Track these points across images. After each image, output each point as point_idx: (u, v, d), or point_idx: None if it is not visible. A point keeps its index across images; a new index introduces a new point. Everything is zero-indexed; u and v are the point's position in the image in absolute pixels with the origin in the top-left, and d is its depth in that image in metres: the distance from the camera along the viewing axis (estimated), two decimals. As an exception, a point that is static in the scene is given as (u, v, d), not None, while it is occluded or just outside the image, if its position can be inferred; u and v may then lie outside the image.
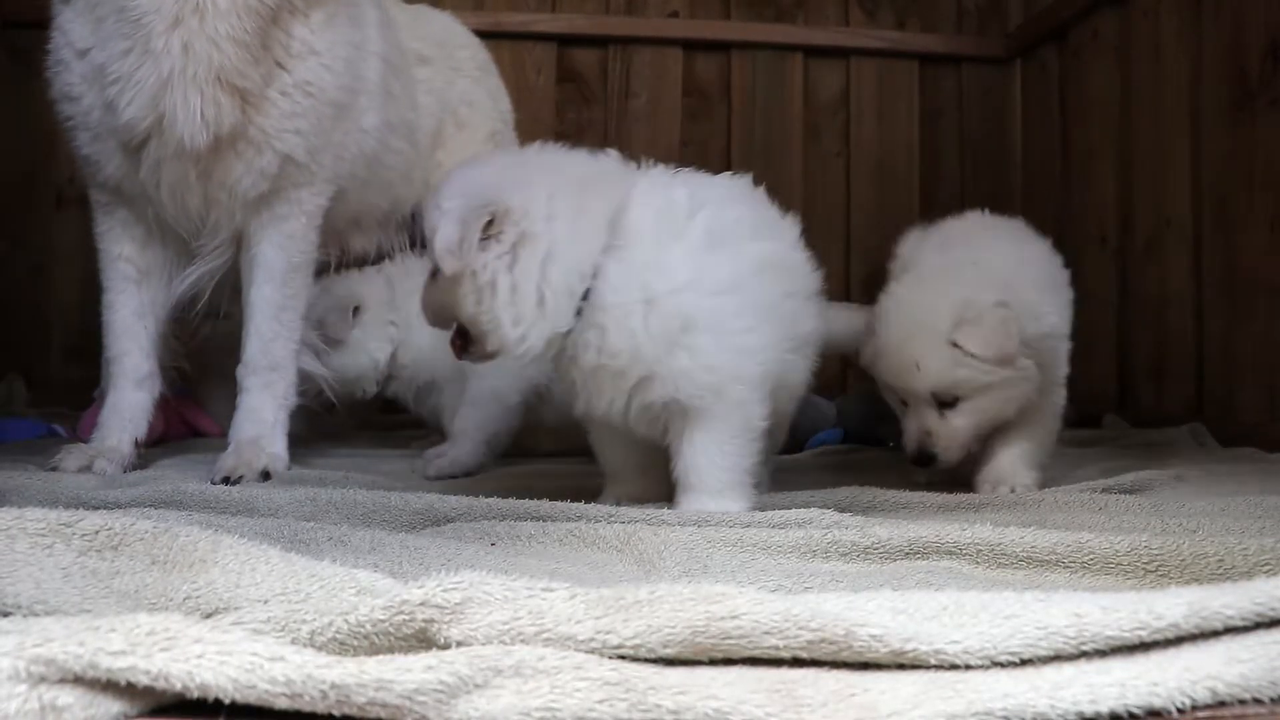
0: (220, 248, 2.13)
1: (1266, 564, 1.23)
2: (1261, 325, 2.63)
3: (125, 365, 2.13)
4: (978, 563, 1.35)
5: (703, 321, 1.59)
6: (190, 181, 2.01)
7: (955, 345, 1.88)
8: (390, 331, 2.45)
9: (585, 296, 1.59)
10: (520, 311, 1.57)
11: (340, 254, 2.50)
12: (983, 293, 1.90)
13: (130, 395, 2.13)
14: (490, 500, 1.59)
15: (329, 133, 2.15)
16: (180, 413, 2.58)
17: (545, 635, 0.85)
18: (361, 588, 0.99)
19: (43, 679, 0.75)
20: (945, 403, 1.93)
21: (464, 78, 2.89)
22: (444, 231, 1.55)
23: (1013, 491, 1.90)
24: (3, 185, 3.39)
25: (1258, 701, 0.81)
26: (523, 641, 0.85)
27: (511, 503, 1.58)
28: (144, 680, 0.76)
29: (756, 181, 1.85)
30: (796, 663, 0.86)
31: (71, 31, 1.99)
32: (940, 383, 1.91)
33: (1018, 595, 0.93)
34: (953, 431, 1.94)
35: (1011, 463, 1.99)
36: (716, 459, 1.63)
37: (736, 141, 3.89)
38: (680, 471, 1.65)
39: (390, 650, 0.86)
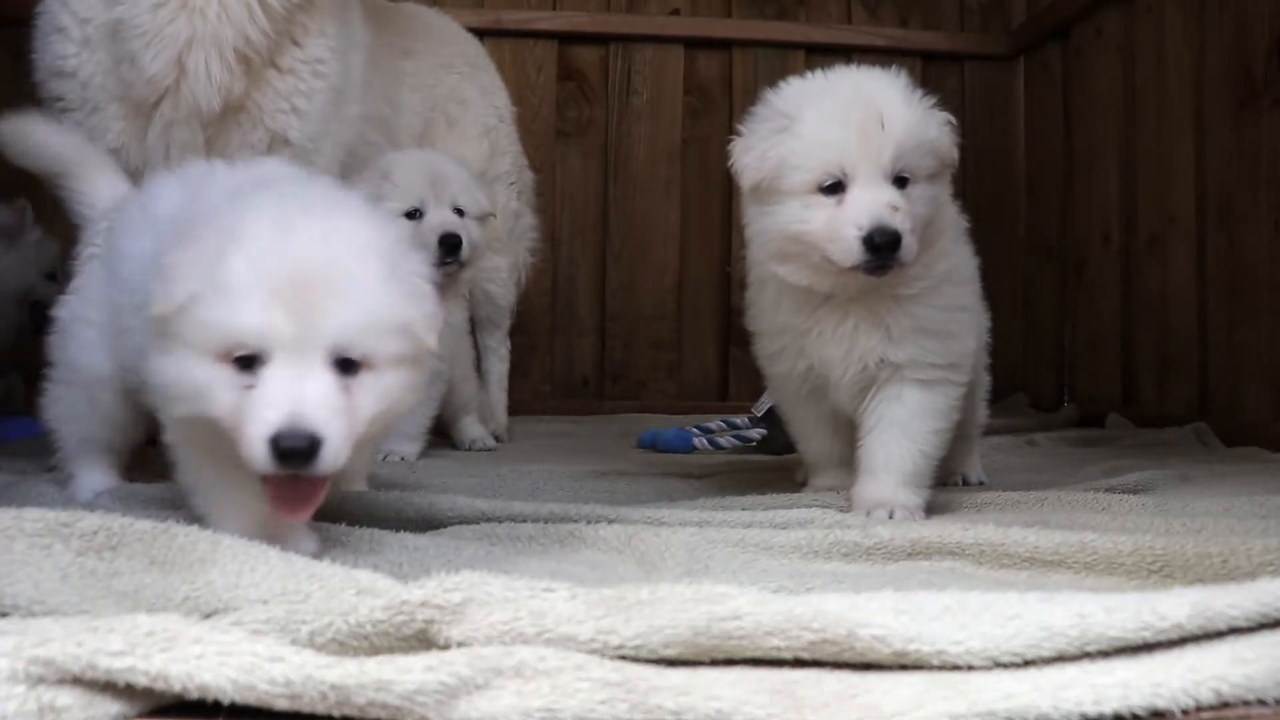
0: None
1: (1271, 564, 1.22)
2: (1265, 324, 2.62)
3: None
4: (980, 563, 1.35)
5: None
6: (198, 147, 2.01)
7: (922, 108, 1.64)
8: None
9: None
10: None
11: None
12: None
13: None
14: (490, 501, 1.59)
15: (329, 120, 2.15)
16: None
17: (546, 635, 0.85)
18: (361, 588, 0.99)
19: (41, 679, 0.75)
20: (899, 181, 1.58)
21: (453, 74, 2.88)
22: None
23: (891, 517, 1.60)
24: (2, 183, 3.39)
25: (1262, 703, 0.81)
26: (523, 642, 0.85)
27: (511, 504, 1.58)
28: (143, 681, 0.76)
29: None
30: (799, 663, 0.85)
31: (75, 2, 1.98)
32: (908, 139, 1.58)
33: (1020, 596, 0.93)
34: (915, 212, 1.57)
35: (889, 480, 1.65)
36: None
37: (738, 140, 3.89)
38: None
39: (390, 651, 0.85)
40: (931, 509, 1.71)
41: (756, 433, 2.89)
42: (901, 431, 1.66)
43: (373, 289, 1.18)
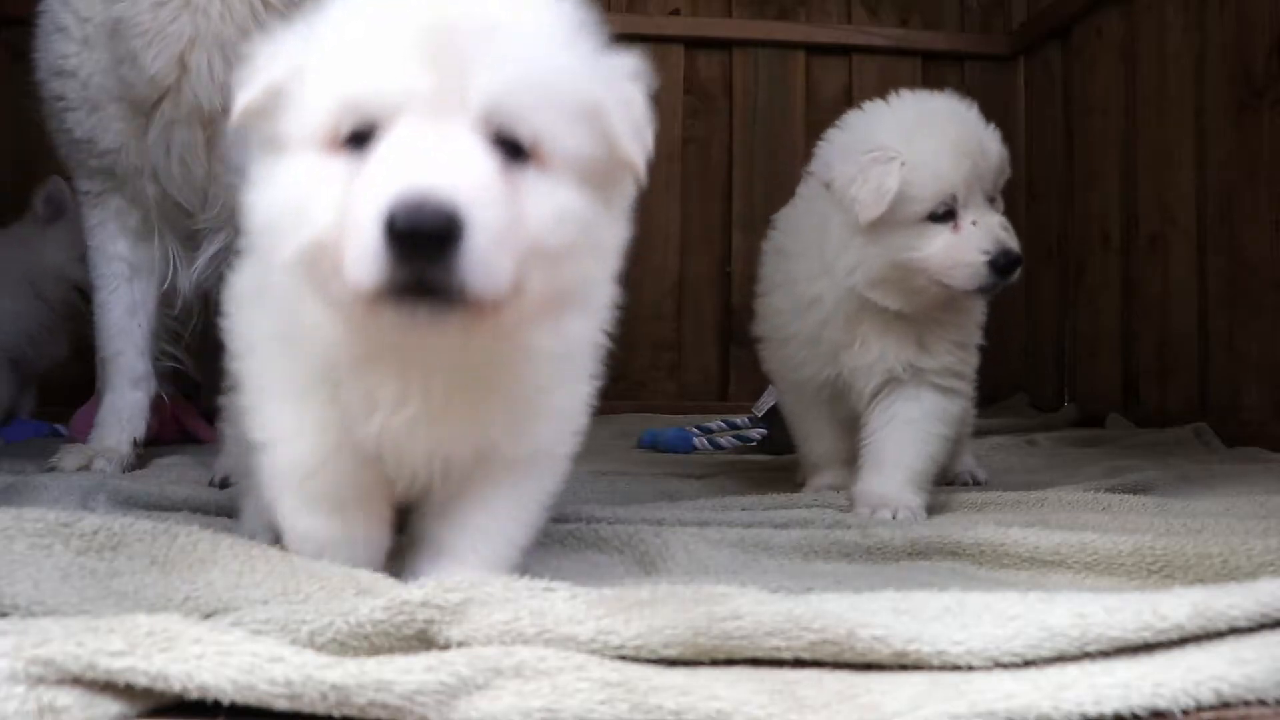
0: (221, 228, 2.07)
1: (1271, 564, 1.22)
2: (1267, 324, 2.62)
3: (121, 365, 2.12)
4: (980, 563, 1.35)
5: None
6: (199, 146, 1.99)
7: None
8: None
9: None
10: None
11: None
12: None
13: (127, 395, 2.12)
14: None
15: None
16: (176, 417, 2.57)
17: (546, 635, 0.85)
18: (362, 588, 0.99)
19: (41, 680, 0.75)
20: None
21: None
22: None
23: (895, 517, 1.62)
24: (2, 182, 3.39)
25: (1263, 703, 0.81)
26: (524, 642, 0.84)
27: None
28: (143, 681, 0.76)
29: (758, 180, 1.80)
30: (799, 663, 0.85)
31: (75, 1, 1.98)
32: (1001, 164, 1.71)
33: (1021, 596, 0.93)
34: None
35: (896, 475, 1.67)
36: None
37: (738, 140, 3.89)
38: None
39: (391, 651, 0.85)
40: (931, 509, 1.71)
41: (756, 433, 2.89)
42: (914, 430, 1.69)
43: (552, 44, 0.86)
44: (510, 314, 0.84)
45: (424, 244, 0.75)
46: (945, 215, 1.64)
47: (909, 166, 1.62)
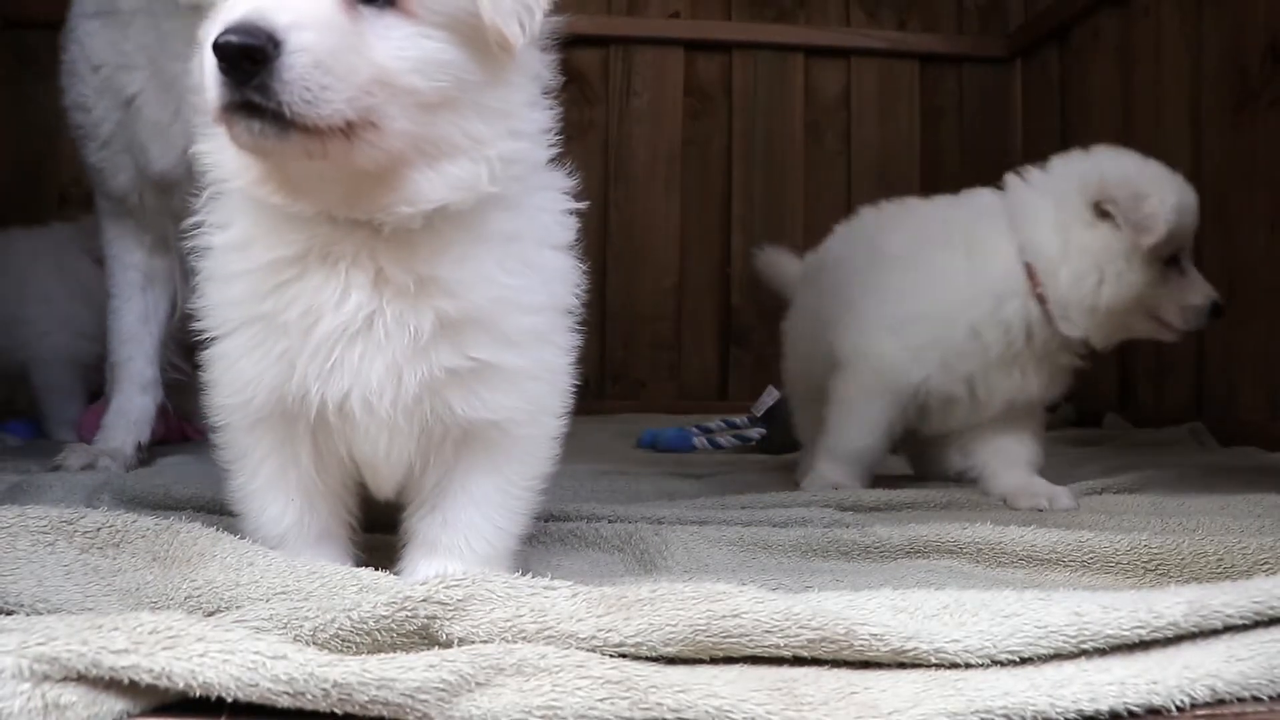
0: None
1: (1266, 563, 1.23)
2: (1262, 325, 2.63)
3: (130, 370, 2.14)
4: (978, 561, 1.36)
5: None
6: None
7: None
8: None
9: None
10: None
11: None
12: None
13: (135, 400, 2.14)
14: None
15: None
16: (180, 423, 2.57)
17: (547, 633, 0.85)
18: (364, 585, 0.99)
19: (46, 677, 0.75)
20: None
21: None
22: None
23: (1050, 506, 1.74)
24: (6, 184, 3.40)
25: (1256, 700, 0.81)
26: (525, 639, 0.85)
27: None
28: (147, 679, 0.76)
29: (758, 181, 1.82)
30: (797, 661, 0.86)
31: (89, 45, 2.01)
32: None
33: (1018, 594, 0.93)
34: None
35: (1034, 475, 1.85)
36: None
37: (737, 141, 3.89)
38: None
39: (393, 647, 0.86)
40: (931, 508, 1.71)
41: (756, 432, 2.90)
42: (1024, 429, 1.88)
43: None
44: (369, 148, 0.90)
45: (239, 63, 0.80)
46: (1172, 260, 1.79)
47: (1173, 209, 1.75)
